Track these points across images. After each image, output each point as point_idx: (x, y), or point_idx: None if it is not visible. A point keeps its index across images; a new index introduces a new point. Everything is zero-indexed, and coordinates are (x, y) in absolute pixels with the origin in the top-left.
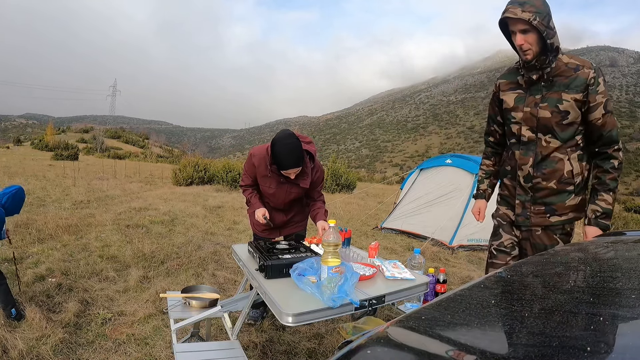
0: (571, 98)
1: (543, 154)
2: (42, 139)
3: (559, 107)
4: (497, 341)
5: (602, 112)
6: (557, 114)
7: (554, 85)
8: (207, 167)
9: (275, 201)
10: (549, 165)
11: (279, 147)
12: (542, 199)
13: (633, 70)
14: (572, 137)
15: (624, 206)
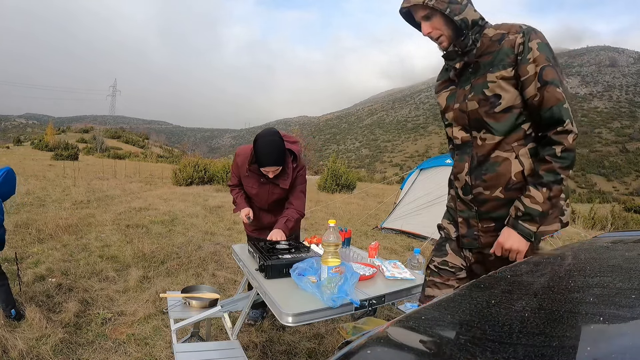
0: (497, 77)
1: (479, 156)
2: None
3: (485, 92)
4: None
5: (537, 86)
6: (485, 102)
7: (480, 68)
8: (207, 167)
9: (259, 201)
10: (489, 169)
11: (260, 144)
12: (489, 214)
13: (633, 70)
14: (515, 127)
15: (624, 206)
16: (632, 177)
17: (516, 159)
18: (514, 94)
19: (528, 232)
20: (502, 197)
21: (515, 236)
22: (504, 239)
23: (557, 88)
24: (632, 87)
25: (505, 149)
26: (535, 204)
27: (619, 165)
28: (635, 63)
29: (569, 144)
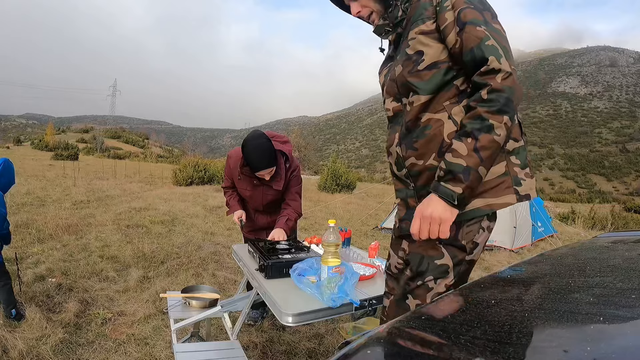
0: (416, 32)
1: (408, 122)
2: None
3: (407, 52)
4: (497, 341)
5: (456, 30)
6: (408, 62)
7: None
8: (207, 167)
9: (253, 203)
10: (419, 134)
11: (249, 149)
12: (427, 188)
13: (633, 70)
14: (445, 84)
15: (624, 206)
16: (632, 177)
17: (449, 119)
18: (437, 48)
19: (450, 193)
20: (437, 164)
21: (436, 201)
22: (423, 207)
23: (477, 27)
24: (632, 87)
25: (436, 109)
26: (458, 158)
27: (619, 165)
28: (635, 63)
29: (496, 84)
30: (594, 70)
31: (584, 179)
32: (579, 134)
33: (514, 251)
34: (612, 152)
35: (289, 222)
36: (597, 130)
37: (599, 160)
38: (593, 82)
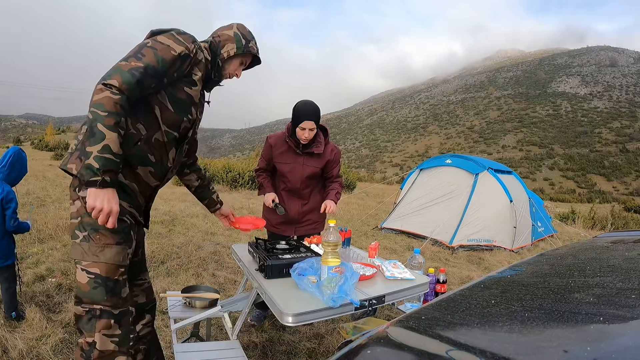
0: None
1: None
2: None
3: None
4: (497, 341)
5: None
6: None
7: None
8: (207, 167)
9: (292, 179)
10: None
11: (299, 104)
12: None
13: (633, 70)
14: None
15: (624, 206)
16: (632, 177)
17: None
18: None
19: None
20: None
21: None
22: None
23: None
24: (632, 87)
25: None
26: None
27: (619, 165)
28: (635, 63)
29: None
30: (594, 70)
31: (584, 179)
32: (579, 134)
33: (514, 251)
34: (612, 152)
35: (338, 194)
36: (597, 130)
37: (599, 160)
38: (593, 82)
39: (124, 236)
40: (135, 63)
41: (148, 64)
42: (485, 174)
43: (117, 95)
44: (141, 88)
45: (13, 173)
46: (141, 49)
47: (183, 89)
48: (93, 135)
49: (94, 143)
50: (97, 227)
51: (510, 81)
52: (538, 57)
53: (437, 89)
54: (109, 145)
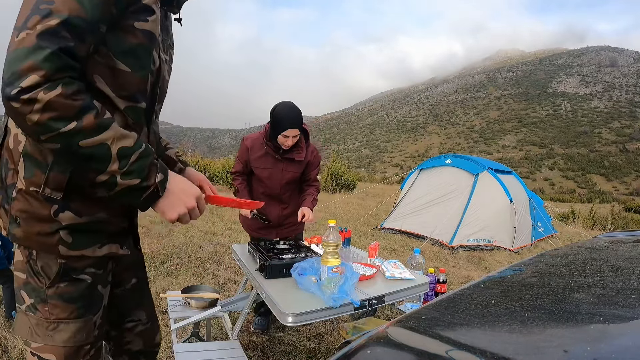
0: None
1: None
2: None
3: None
4: (497, 341)
5: None
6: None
7: None
8: (207, 167)
9: (270, 184)
10: None
11: (279, 109)
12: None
13: (633, 70)
14: None
15: (624, 206)
16: (632, 177)
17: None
18: None
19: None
20: None
21: None
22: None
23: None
24: (632, 87)
25: None
26: None
27: (619, 165)
28: (635, 63)
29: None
30: (594, 70)
31: (584, 179)
32: (579, 134)
33: (514, 251)
34: (612, 152)
35: (315, 201)
36: (597, 130)
37: (599, 160)
38: (593, 82)
39: (85, 302)
40: (45, 23)
41: (67, 15)
42: (485, 174)
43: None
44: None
45: None
46: None
47: (133, 28)
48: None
49: (104, 166)
50: (44, 295)
51: (510, 81)
52: (538, 57)
53: (437, 89)
54: (122, 146)
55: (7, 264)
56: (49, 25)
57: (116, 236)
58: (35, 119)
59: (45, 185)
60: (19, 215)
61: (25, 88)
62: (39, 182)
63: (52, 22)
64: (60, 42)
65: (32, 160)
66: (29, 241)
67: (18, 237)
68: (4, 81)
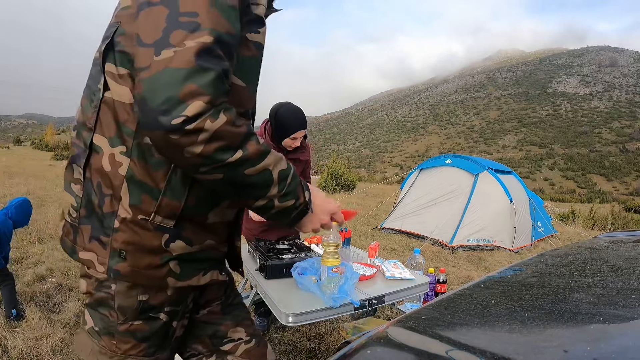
0: None
1: None
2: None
3: None
4: (497, 341)
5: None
6: None
7: None
8: None
9: None
10: None
11: (284, 112)
12: None
13: (633, 70)
14: None
15: (624, 206)
16: (632, 177)
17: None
18: None
19: None
20: None
21: None
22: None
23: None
24: (632, 87)
25: None
26: None
27: (619, 165)
28: (635, 63)
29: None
30: (594, 70)
31: (584, 179)
32: (579, 134)
33: (514, 251)
34: (612, 152)
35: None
36: (597, 130)
37: (599, 160)
38: (593, 82)
39: (157, 341)
40: (197, 39)
41: (219, 32)
42: (485, 174)
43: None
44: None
45: (16, 216)
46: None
47: (247, 40)
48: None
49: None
50: (113, 330)
51: (510, 81)
52: (538, 57)
53: (437, 89)
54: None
55: (4, 263)
56: (204, 43)
57: (217, 262)
58: (199, 151)
59: (156, 213)
60: (124, 248)
61: (191, 117)
62: (149, 209)
63: (205, 39)
64: (220, 63)
65: (140, 185)
66: (135, 276)
67: (123, 273)
68: (154, 109)
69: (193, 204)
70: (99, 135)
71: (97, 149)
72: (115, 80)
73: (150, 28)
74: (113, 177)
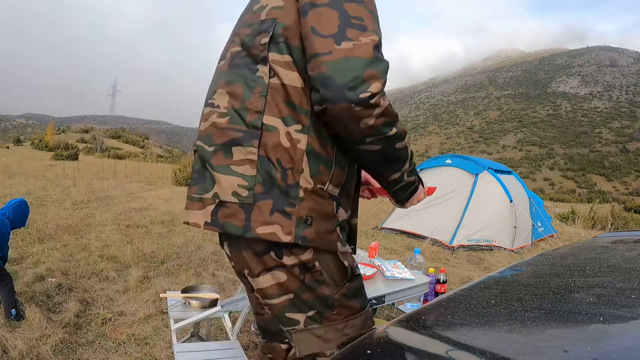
0: None
1: None
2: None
3: None
4: (497, 341)
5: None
6: None
7: None
8: None
9: None
10: None
11: None
12: None
13: (633, 70)
14: None
15: (624, 206)
16: (632, 177)
17: None
18: None
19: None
20: None
21: None
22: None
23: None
24: (632, 87)
25: None
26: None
27: (619, 165)
28: (635, 63)
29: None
30: (594, 70)
31: (584, 179)
32: (579, 134)
33: (514, 251)
34: (612, 152)
35: None
36: (597, 130)
37: (599, 160)
38: (593, 82)
39: (364, 293)
40: (369, 37)
41: (379, 35)
42: (485, 174)
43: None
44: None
45: (14, 216)
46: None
47: None
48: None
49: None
50: (331, 301)
51: (510, 81)
52: (538, 57)
53: (437, 89)
54: (411, 149)
55: (2, 264)
56: (375, 40)
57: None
58: (371, 123)
59: (330, 181)
60: (310, 215)
61: (374, 94)
62: (325, 179)
63: (374, 37)
64: (384, 57)
65: (318, 157)
66: (319, 241)
67: (309, 238)
68: (342, 85)
69: (347, 174)
70: (270, 116)
71: (270, 128)
72: (283, 67)
73: (325, 24)
74: (292, 152)
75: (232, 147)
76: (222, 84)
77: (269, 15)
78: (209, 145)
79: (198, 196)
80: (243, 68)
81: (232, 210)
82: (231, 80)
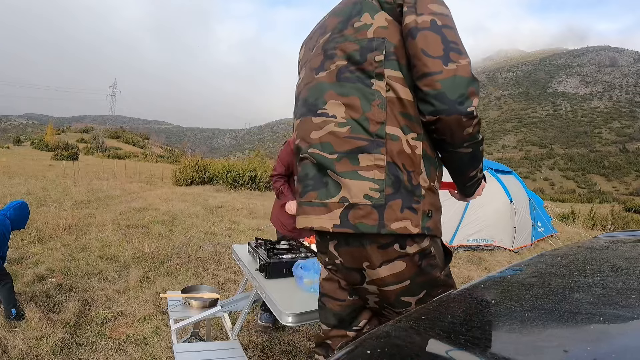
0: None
1: None
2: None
3: None
4: (497, 341)
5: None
6: None
7: None
8: (207, 167)
9: None
10: None
11: None
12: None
13: (633, 70)
14: None
15: (624, 206)
16: (632, 177)
17: None
18: None
19: None
20: None
21: None
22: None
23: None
24: (632, 87)
25: None
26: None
27: (619, 165)
28: (635, 63)
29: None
30: (594, 70)
31: (584, 179)
32: (579, 134)
33: (514, 251)
34: (612, 152)
35: None
36: (597, 130)
37: (599, 160)
38: (593, 82)
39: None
40: (466, 60)
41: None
42: (485, 174)
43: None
44: None
45: (14, 217)
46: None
47: None
48: (479, 159)
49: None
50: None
51: (510, 81)
52: (538, 57)
53: None
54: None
55: (1, 263)
56: (470, 62)
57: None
58: (471, 131)
59: (436, 180)
60: (430, 209)
61: (475, 107)
62: (434, 178)
63: (469, 60)
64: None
65: (429, 160)
66: (436, 230)
67: (432, 228)
68: (452, 100)
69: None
70: (391, 126)
71: (393, 137)
72: (399, 83)
73: (432, 47)
74: (413, 157)
75: (358, 155)
76: (334, 95)
77: (377, 34)
78: (330, 153)
79: (320, 202)
80: (357, 82)
81: (365, 211)
82: (345, 93)
